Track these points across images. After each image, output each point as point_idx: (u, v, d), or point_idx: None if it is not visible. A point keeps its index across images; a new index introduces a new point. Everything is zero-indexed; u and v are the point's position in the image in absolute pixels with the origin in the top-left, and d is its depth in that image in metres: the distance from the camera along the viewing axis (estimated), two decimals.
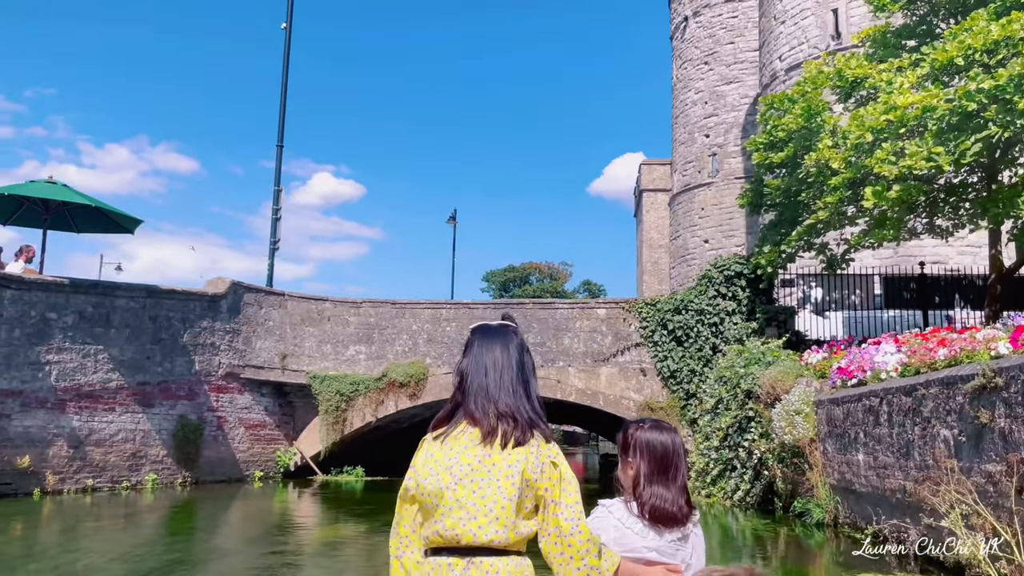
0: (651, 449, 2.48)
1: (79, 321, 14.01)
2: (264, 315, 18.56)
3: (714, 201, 40.83)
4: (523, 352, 2.31)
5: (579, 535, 2.08)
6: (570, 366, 18.51)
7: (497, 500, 2.06)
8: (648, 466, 2.46)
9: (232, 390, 17.62)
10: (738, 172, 39.85)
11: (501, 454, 2.11)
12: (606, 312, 18.64)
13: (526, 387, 2.26)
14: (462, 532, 2.05)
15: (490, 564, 2.05)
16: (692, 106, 42.13)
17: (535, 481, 2.10)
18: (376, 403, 19.08)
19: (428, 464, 2.15)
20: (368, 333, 19.68)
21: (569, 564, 2.07)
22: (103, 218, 14.64)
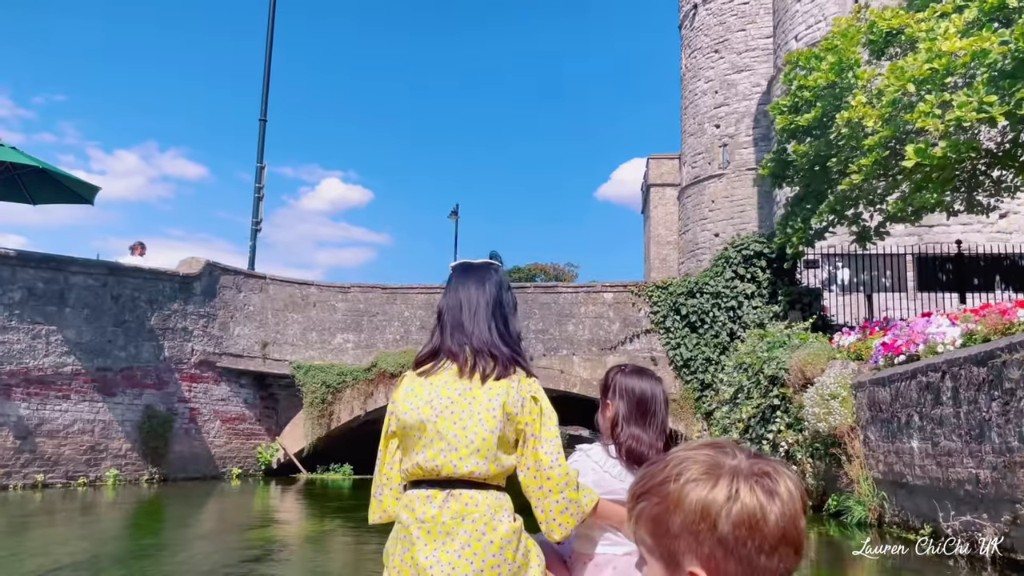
0: (630, 392, 2.54)
1: (28, 298, 12.60)
2: (243, 299, 17.15)
3: (725, 193, 39.41)
4: (501, 288, 2.32)
5: (558, 468, 2.09)
6: (574, 355, 17.05)
7: (478, 432, 2.06)
8: (626, 408, 2.51)
9: (207, 380, 16.20)
10: (750, 163, 38.44)
11: (482, 388, 2.11)
12: (613, 296, 17.18)
13: (504, 323, 2.26)
14: (442, 463, 2.05)
15: (470, 496, 2.05)
16: (701, 96, 40.73)
17: (516, 415, 2.10)
18: (365, 395, 17.64)
19: (409, 398, 2.19)
20: (357, 320, 18.25)
21: (548, 497, 2.08)
22: (58, 186, 13.26)
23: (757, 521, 0.95)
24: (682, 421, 16.14)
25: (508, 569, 2.03)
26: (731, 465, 0.98)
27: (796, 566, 0.98)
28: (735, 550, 0.95)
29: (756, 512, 0.95)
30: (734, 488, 0.96)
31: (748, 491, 0.96)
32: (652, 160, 51.36)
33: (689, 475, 0.99)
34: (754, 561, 0.95)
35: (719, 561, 0.95)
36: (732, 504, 0.95)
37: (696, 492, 0.97)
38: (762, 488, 0.96)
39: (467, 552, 2.00)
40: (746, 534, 0.94)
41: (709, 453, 1.01)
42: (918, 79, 11.51)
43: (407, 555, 2.04)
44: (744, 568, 0.95)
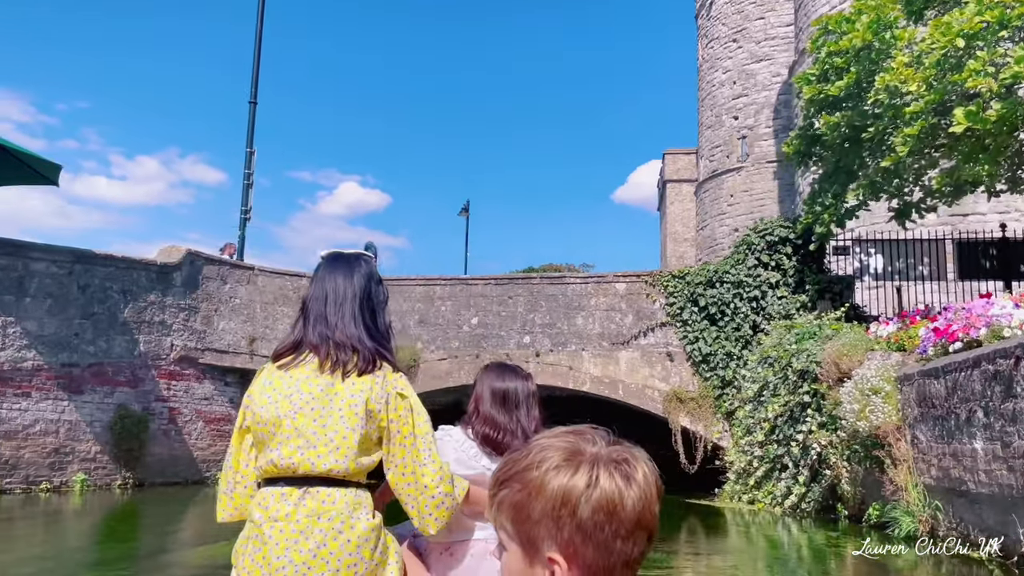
0: (491, 384, 2.61)
1: None
2: (229, 291, 16.03)
3: (744, 187, 38.01)
4: (371, 281, 2.25)
5: (432, 464, 2.07)
6: (584, 350, 15.78)
7: (339, 430, 2.00)
8: (489, 398, 2.57)
9: (188, 377, 15.08)
10: (770, 155, 37.06)
11: (344, 384, 2.05)
12: (626, 287, 15.89)
13: (372, 317, 2.20)
14: (299, 461, 1.99)
15: (327, 494, 1.98)
16: (719, 87, 39.37)
17: (379, 412, 2.05)
18: None
19: (266, 392, 2.09)
20: None
21: (424, 493, 2.05)
22: (18, 166, 12.17)
23: (615, 506, 0.96)
24: (701, 422, 14.84)
25: (365, 568, 2.00)
26: (591, 452, 1.00)
27: (648, 551, 1.00)
28: (593, 535, 0.96)
29: (615, 498, 0.97)
30: (594, 475, 0.98)
31: (607, 477, 0.97)
32: (668, 155, 49.95)
33: (550, 462, 1.00)
34: (611, 546, 0.97)
35: (577, 546, 0.97)
36: (592, 490, 0.97)
37: (557, 479, 0.99)
38: (620, 474, 0.98)
39: (323, 552, 1.95)
40: (604, 519, 0.96)
41: (570, 440, 1.03)
42: (967, 33, 10.20)
43: (259, 555, 1.97)
44: (601, 553, 0.97)
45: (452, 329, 16.58)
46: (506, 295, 16.44)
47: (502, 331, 16.29)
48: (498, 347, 16.21)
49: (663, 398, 15.16)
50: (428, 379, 16.33)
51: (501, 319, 16.34)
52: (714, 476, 14.18)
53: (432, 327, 16.70)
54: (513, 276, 16.46)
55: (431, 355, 16.52)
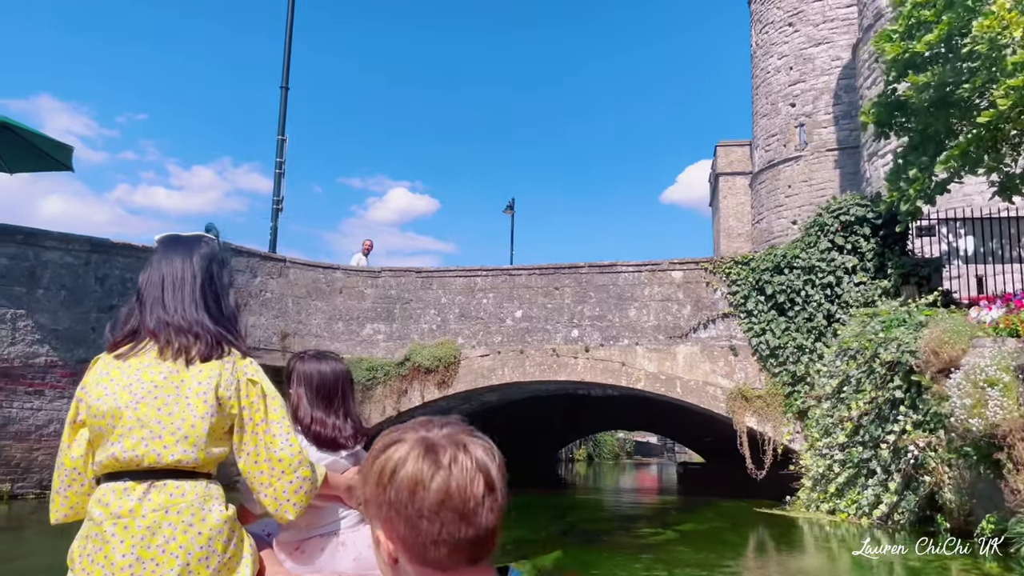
0: (308, 377, 2.55)
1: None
2: (259, 284, 15.16)
3: (803, 177, 36.15)
4: (212, 263, 2.16)
5: (290, 449, 2.02)
6: (638, 344, 14.49)
7: (186, 418, 1.93)
8: (309, 394, 2.52)
9: None
10: (830, 143, 35.20)
11: (190, 371, 1.98)
12: (683, 275, 14.56)
13: (215, 301, 2.12)
14: (144, 453, 1.91)
15: (175, 486, 1.91)
16: (775, 73, 37.58)
17: (229, 399, 2.00)
18: (398, 393, 15.46)
19: (102, 383, 1.97)
20: (388, 308, 16.09)
21: (281, 479, 2.00)
22: (30, 148, 11.43)
23: (416, 487, 1.03)
24: (769, 422, 13.43)
25: (218, 561, 1.91)
26: (417, 437, 1.07)
27: (468, 534, 1.01)
28: (401, 512, 1.03)
29: (416, 477, 1.03)
30: (405, 456, 1.05)
31: (414, 460, 1.04)
32: (720, 147, 48.15)
33: (379, 445, 1.09)
34: (417, 524, 1.03)
35: (393, 521, 1.04)
36: (400, 469, 1.04)
37: (379, 460, 1.07)
38: (430, 459, 1.04)
39: (172, 546, 1.86)
40: (407, 498, 1.03)
41: (413, 426, 1.10)
42: None
43: (99, 555, 1.86)
44: (410, 529, 1.03)
45: (494, 323, 15.45)
46: (552, 286, 15.25)
47: (548, 324, 15.11)
48: (544, 341, 15.03)
49: (726, 396, 13.78)
50: (470, 377, 15.23)
51: (547, 311, 15.16)
52: (785, 482, 12.79)
53: (473, 321, 15.60)
54: (559, 266, 15.26)
55: (472, 351, 15.41)
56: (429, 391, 15.34)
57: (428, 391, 15.34)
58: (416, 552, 1.03)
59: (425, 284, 16.05)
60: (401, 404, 15.41)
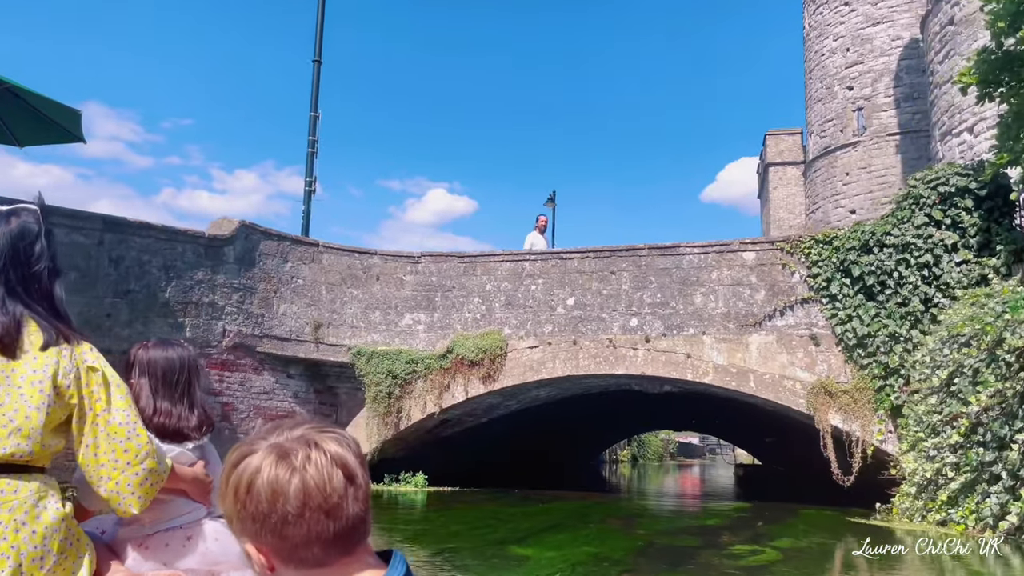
0: (153, 365, 2.39)
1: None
2: (291, 270, 14.03)
3: (862, 163, 34.22)
4: (21, 240, 1.99)
5: (137, 439, 1.95)
6: (704, 334, 13.05)
7: (20, 409, 1.84)
8: (152, 384, 2.38)
9: (244, 368, 13.13)
10: (891, 127, 33.26)
11: (21, 359, 1.88)
12: (756, 256, 13.08)
13: (36, 281, 1.99)
14: None
15: (6, 483, 1.80)
16: (830, 56, 35.70)
17: (67, 388, 1.91)
18: (440, 388, 14.21)
19: None
20: (428, 296, 14.86)
21: (125, 471, 1.92)
22: (38, 118, 10.40)
23: (275, 495, 0.99)
24: (856, 420, 11.89)
25: (53, 561, 1.84)
26: (269, 443, 1.02)
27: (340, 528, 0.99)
28: (264, 523, 0.99)
29: (274, 485, 0.99)
30: (258, 465, 1.00)
31: (268, 467, 1.00)
32: (770, 136, 46.24)
33: (235, 457, 1.03)
34: (283, 531, 0.99)
35: (259, 533, 1.00)
36: (256, 480, 0.99)
37: (235, 473, 1.01)
38: (281, 462, 1.00)
39: (3, 547, 1.77)
40: (268, 508, 0.99)
41: (265, 434, 1.05)
42: None
43: None
44: (277, 537, 0.99)
45: (544, 311, 14.13)
46: (608, 270, 13.88)
47: (603, 312, 13.73)
48: (599, 331, 13.66)
49: (807, 391, 12.28)
50: (518, 370, 13.92)
51: (602, 298, 13.79)
52: (875, 488, 11.28)
53: (521, 309, 14.28)
54: (616, 248, 13.87)
55: (520, 342, 14.10)
56: (473, 386, 14.06)
57: (472, 386, 14.07)
58: (289, 557, 1.01)
59: (468, 270, 14.78)
60: (443, 400, 14.16)
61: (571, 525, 9.65)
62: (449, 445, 16.88)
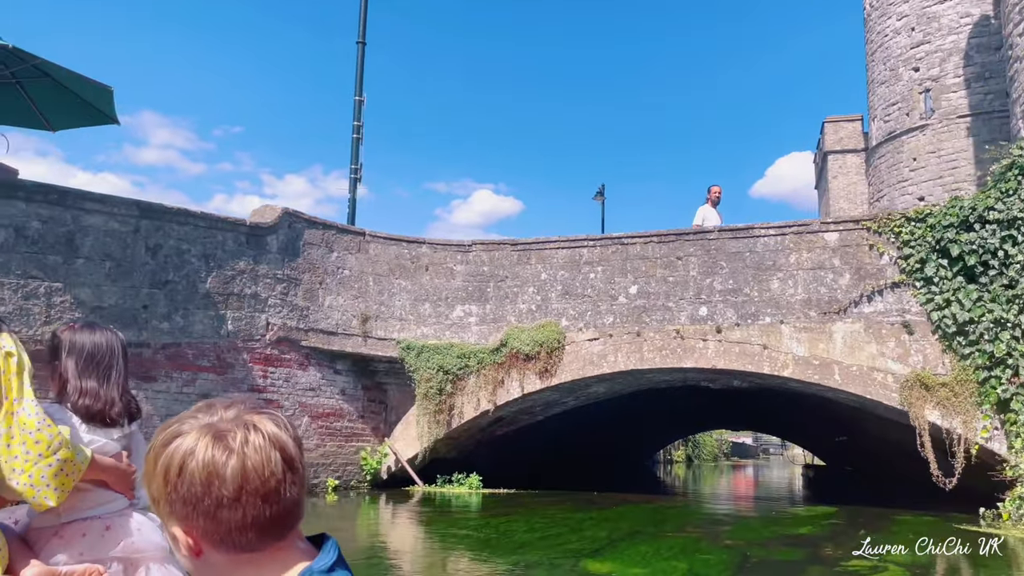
0: (79, 348, 2.33)
1: (15, 242, 9.15)
2: (336, 261, 13.33)
3: (930, 147, 32.46)
4: None
5: (48, 430, 1.90)
6: (782, 323, 11.96)
7: None
8: (76, 366, 2.31)
9: (289, 363, 12.45)
10: (961, 109, 31.49)
11: None
12: (839, 237, 11.95)
13: None
14: None
15: None
16: (893, 36, 33.99)
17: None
18: (494, 384, 13.37)
19: None
20: (480, 287, 14.03)
21: (39, 463, 1.87)
22: (71, 99, 9.83)
23: (211, 476, 0.94)
24: (958, 416, 10.70)
25: None
26: (202, 424, 0.98)
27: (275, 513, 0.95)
28: (198, 506, 0.95)
29: (209, 467, 0.94)
30: (192, 446, 0.95)
31: (203, 448, 0.95)
32: (828, 123, 44.40)
33: (163, 437, 0.98)
34: (217, 515, 0.95)
35: (189, 517, 0.95)
36: (189, 461, 0.95)
37: (164, 453, 0.96)
38: (218, 443, 0.95)
39: None
40: (202, 491, 0.94)
41: (195, 413, 1.01)
42: None
43: None
44: (211, 522, 0.95)
45: (604, 301, 13.18)
46: (673, 255, 12.87)
47: (669, 301, 12.73)
48: (665, 321, 12.67)
49: (900, 385, 11.11)
50: (577, 364, 13.00)
51: (668, 286, 12.79)
52: (974, 490, 10.12)
53: (579, 299, 13.36)
54: (682, 231, 12.86)
55: (579, 335, 13.18)
56: (529, 381, 13.19)
57: (528, 381, 13.19)
58: (221, 541, 0.96)
59: (522, 258, 13.91)
60: (498, 396, 13.32)
61: (648, 533, 8.72)
62: (503, 444, 16.03)
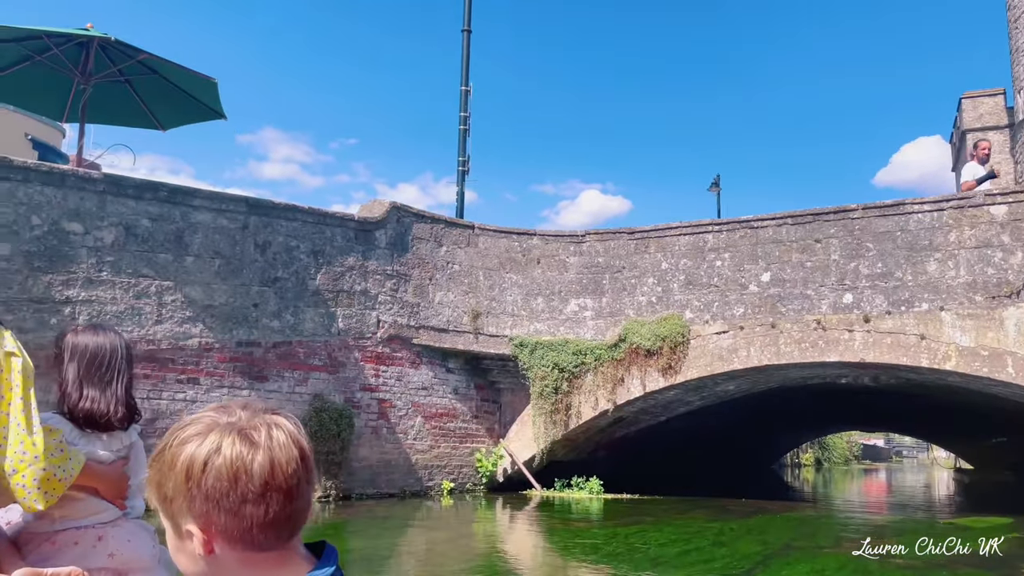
0: (82, 350, 2.29)
1: (125, 240, 9.05)
2: (445, 255, 12.84)
3: None
4: None
5: (42, 433, 1.86)
6: (943, 309, 10.57)
7: None
8: (78, 370, 2.27)
9: (400, 361, 12.04)
10: None
11: None
12: (1008, 211, 10.45)
13: None
14: None
15: None
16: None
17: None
18: (613, 382, 12.55)
19: None
20: (595, 279, 13.23)
21: (34, 465, 1.84)
22: (179, 96, 9.72)
23: (238, 471, 0.96)
24: None
25: None
26: (225, 422, 1.00)
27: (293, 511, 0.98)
28: (221, 502, 0.96)
29: (237, 463, 0.97)
30: (217, 443, 0.97)
31: (230, 445, 0.97)
32: (966, 99, 40.87)
33: (180, 438, 1.00)
34: (241, 510, 0.97)
35: (210, 515, 0.97)
36: (215, 458, 0.97)
37: (184, 452, 0.98)
38: (244, 440, 0.98)
39: None
40: (228, 486, 0.97)
41: (210, 414, 1.03)
42: None
43: None
44: (233, 518, 0.97)
45: (733, 290, 12.12)
46: (811, 238, 11.67)
47: (808, 288, 11.54)
48: (803, 311, 11.49)
49: None
50: (703, 360, 12.00)
51: (805, 272, 11.60)
52: None
53: (704, 289, 12.34)
54: (820, 211, 11.63)
55: (705, 327, 12.16)
56: (651, 379, 12.28)
57: (650, 379, 12.29)
58: (240, 538, 0.98)
59: (640, 247, 13.01)
60: (617, 395, 12.47)
61: (801, 548, 7.69)
62: (623, 447, 15.16)
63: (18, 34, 8.48)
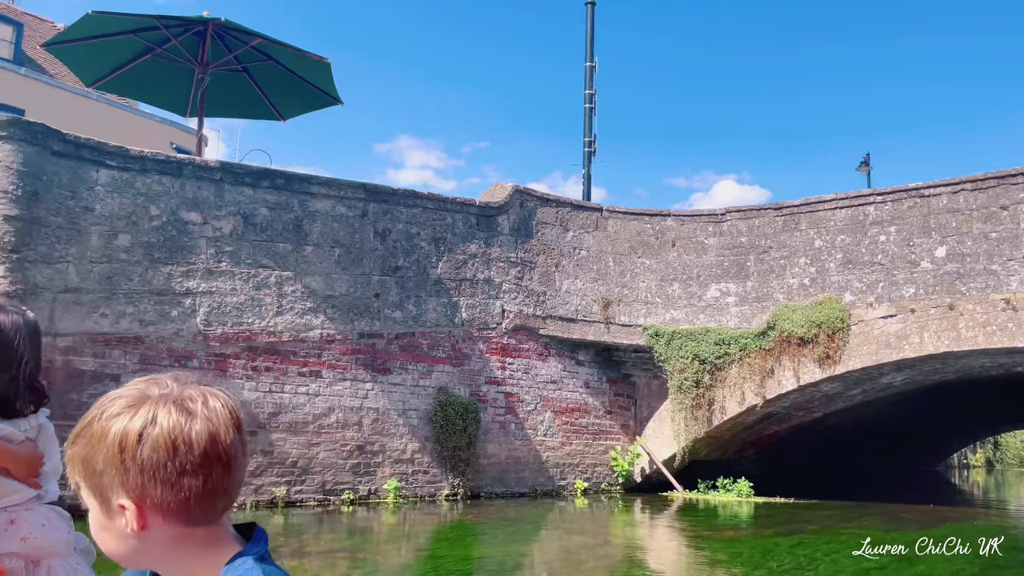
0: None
1: (244, 230, 8.81)
2: (572, 240, 12.07)
3: None
4: None
5: None
6: None
7: None
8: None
9: (527, 353, 11.39)
10: None
11: None
12: None
13: None
14: None
15: None
16: None
17: None
18: (761, 374, 11.38)
19: None
20: (738, 261, 12.08)
21: None
22: (295, 84, 9.44)
23: (176, 441, 0.94)
24: None
25: None
26: (159, 394, 0.98)
27: (230, 483, 0.97)
28: (157, 474, 0.94)
29: (175, 433, 0.95)
30: (152, 414, 0.95)
31: (166, 415, 0.95)
32: None
33: (111, 410, 0.98)
34: (179, 482, 0.95)
35: (145, 487, 0.95)
36: (151, 429, 0.94)
37: (116, 425, 0.96)
38: (181, 409, 0.96)
39: None
40: (166, 456, 0.94)
41: (139, 387, 1.01)
42: None
43: None
44: (170, 490, 0.95)
45: (901, 268, 10.68)
46: (995, 204, 10.09)
47: (993, 263, 9.98)
48: (988, 289, 9.94)
49: None
50: (867, 348, 10.64)
51: (989, 244, 10.04)
52: None
53: (866, 268, 10.96)
54: (1004, 173, 10.01)
55: (868, 311, 10.79)
56: (806, 370, 11.03)
57: (804, 370, 11.04)
58: (176, 512, 0.95)
59: (788, 224, 11.76)
60: (767, 388, 11.30)
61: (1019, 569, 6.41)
62: (773, 445, 13.88)
63: (134, 24, 8.42)
